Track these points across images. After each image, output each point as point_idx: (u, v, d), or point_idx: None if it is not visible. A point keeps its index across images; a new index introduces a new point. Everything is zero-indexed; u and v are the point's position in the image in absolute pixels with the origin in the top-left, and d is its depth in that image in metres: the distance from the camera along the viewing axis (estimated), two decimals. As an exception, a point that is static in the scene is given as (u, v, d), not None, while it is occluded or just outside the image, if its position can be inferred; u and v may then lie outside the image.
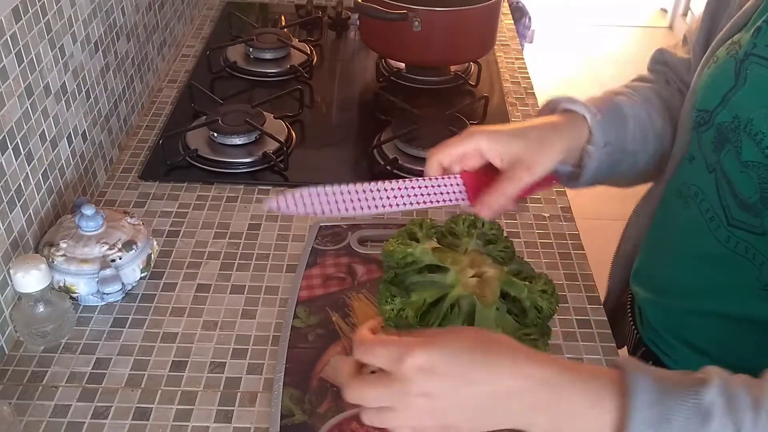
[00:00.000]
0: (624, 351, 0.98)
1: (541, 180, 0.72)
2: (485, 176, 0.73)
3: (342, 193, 0.68)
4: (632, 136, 0.80)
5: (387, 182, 0.70)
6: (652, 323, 0.91)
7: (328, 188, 0.68)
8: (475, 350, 0.56)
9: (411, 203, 0.71)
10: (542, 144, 0.72)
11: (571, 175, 0.79)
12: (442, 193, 0.72)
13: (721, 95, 0.73)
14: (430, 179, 0.72)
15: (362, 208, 0.69)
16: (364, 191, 0.69)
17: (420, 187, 0.71)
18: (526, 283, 0.78)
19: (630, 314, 0.98)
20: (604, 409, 0.53)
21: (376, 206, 0.69)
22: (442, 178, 0.72)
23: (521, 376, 0.54)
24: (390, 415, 0.56)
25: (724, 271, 0.76)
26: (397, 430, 0.57)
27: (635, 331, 0.95)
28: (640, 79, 0.91)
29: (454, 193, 0.73)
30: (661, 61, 0.91)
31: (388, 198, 0.70)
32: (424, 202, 0.71)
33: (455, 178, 0.73)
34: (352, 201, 0.68)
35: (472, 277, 0.77)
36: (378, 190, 0.70)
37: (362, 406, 0.57)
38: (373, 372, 0.58)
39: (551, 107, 0.80)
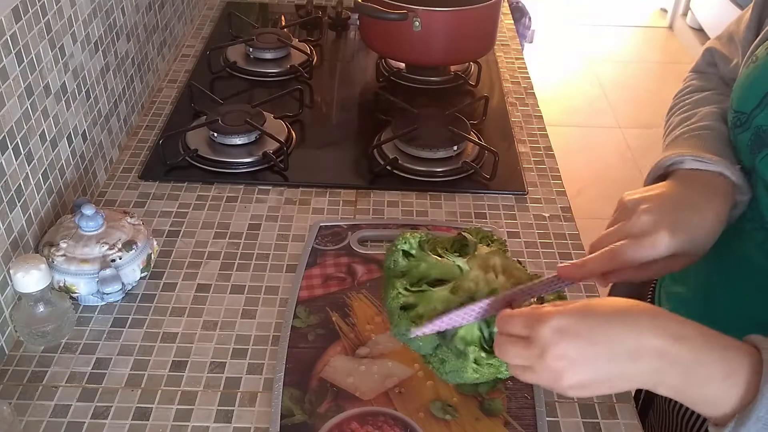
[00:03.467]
0: None
1: None
2: None
3: (480, 308, 0.65)
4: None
5: (527, 286, 0.66)
6: None
7: (470, 308, 0.65)
8: (610, 311, 0.56)
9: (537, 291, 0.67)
10: (707, 238, 0.67)
11: None
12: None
13: (759, 97, 0.70)
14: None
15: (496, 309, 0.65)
16: (504, 298, 0.65)
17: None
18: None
19: None
20: (735, 381, 0.53)
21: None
22: None
23: (662, 333, 0.54)
24: (530, 374, 0.58)
25: (759, 275, 0.74)
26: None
27: None
28: (696, 89, 0.86)
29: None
30: (711, 62, 0.89)
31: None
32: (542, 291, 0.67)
33: None
34: (485, 310, 0.65)
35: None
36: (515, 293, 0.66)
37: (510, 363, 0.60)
38: None
39: (664, 165, 0.74)
